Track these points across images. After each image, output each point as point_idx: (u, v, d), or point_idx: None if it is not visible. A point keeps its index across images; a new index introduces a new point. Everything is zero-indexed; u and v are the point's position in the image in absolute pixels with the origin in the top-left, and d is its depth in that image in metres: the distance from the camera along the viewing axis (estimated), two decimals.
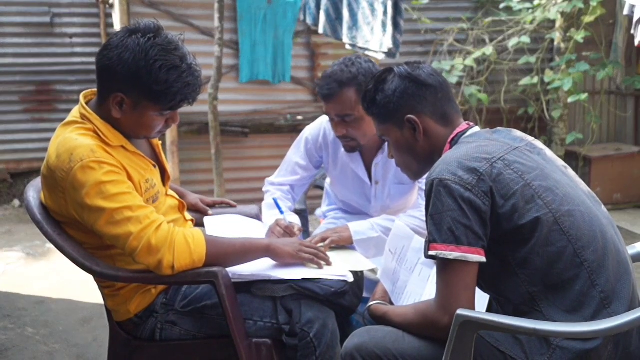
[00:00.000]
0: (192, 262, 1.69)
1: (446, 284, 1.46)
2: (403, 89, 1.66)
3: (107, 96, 1.74)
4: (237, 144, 5.61)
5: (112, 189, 1.65)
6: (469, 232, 1.44)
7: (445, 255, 1.44)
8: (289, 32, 5.46)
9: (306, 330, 1.79)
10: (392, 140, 1.72)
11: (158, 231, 1.66)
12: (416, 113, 1.65)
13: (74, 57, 6.23)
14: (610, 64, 4.91)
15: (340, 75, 2.21)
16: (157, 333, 1.87)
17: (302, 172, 2.52)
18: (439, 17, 5.63)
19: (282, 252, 1.84)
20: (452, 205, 1.45)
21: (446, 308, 1.46)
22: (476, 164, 1.48)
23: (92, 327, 3.28)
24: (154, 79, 1.66)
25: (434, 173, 1.51)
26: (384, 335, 1.59)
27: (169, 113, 1.78)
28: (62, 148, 1.71)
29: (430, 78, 1.67)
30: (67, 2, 6.14)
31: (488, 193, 1.46)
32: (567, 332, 1.37)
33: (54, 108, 6.26)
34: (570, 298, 1.46)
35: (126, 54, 1.66)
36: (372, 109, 1.73)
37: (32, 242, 4.85)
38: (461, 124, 1.69)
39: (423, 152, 1.68)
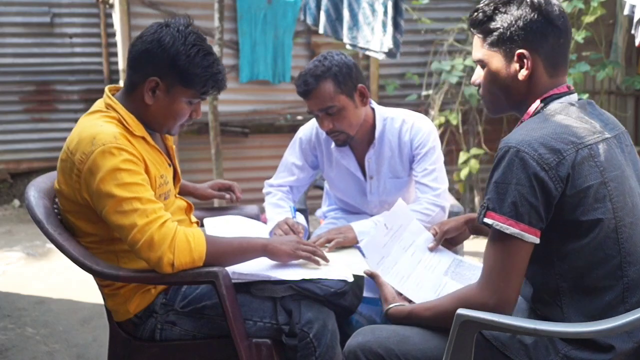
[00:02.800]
0: (192, 260, 1.70)
1: (497, 260, 1.40)
2: (529, 19, 1.48)
3: (140, 82, 1.78)
4: (237, 144, 5.61)
5: (127, 178, 1.67)
6: (533, 211, 1.37)
7: (501, 228, 1.38)
8: (289, 32, 5.46)
9: (306, 331, 1.79)
10: (491, 68, 1.55)
11: (162, 228, 1.67)
12: (531, 50, 1.49)
13: (74, 57, 6.24)
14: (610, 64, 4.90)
15: (314, 70, 2.23)
16: (157, 333, 1.87)
17: (298, 173, 2.54)
18: (438, 17, 5.63)
19: (280, 251, 1.84)
20: (523, 180, 1.37)
21: (494, 289, 1.40)
22: (561, 145, 1.39)
23: (92, 327, 3.28)
24: (191, 62, 1.74)
25: (512, 140, 1.41)
26: (387, 336, 1.58)
27: (195, 104, 1.84)
28: (85, 132, 1.74)
29: (560, 19, 1.50)
30: (67, 2, 6.15)
31: (564, 179, 1.38)
32: (565, 332, 1.35)
33: (54, 108, 6.27)
34: (595, 306, 1.42)
35: (166, 38, 1.75)
36: (483, 26, 1.55)
37: (32, 242, 4.86)
38: (563, 83, 1.54)
39: (517, 94, 1.54)
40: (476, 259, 4.34)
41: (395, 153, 2.41)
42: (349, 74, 2.25)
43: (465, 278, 1.89)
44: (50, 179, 2.00)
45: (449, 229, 2.02)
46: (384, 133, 2.40)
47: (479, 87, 1.62)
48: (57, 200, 1.96)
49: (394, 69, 5.77)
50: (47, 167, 5.92)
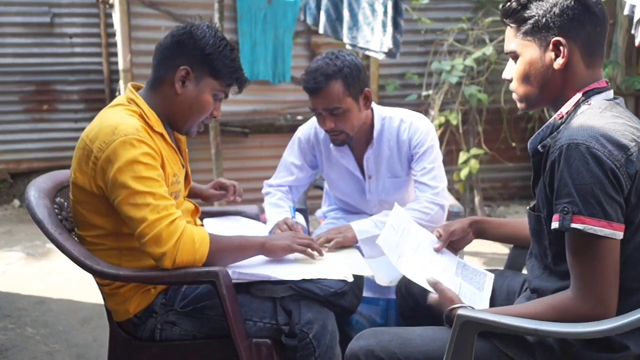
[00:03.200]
0: (193, 260, 1.72)
1: (595, 267, 1.33)
2: (566, 6, 1.44)
3: (169, 74, 1.84)
4: (237, 144, 5.61)
5: (144, 171, 1.70)
6: (618, 207, 1.33)
7: (595, 231, 1.32)
8: (289, 32, 5.46)
9: (305, 331, 1.79)
10: (524, 58, 1.50)
11: (170, 226, 1.69)
12: (567, 38, 1.44)
13: (74, 57, 6.24)
14: (610, 64, 4.90)
15: (326, 69, 2.20)
16: (157, 333, 1.87)
17: (297, 173, 2.54)
18: (439, 17, 5.63)
19: (276, 247, 1.86)
20: (602, 177, 1.31)
21: (598, 298, 1.33)
22: (627, 141, 1.35)
23: (92, 327, 3.28)
24: (220, 53, 1.84)
25: (577, 136, 1.35)
26: (390, 339, 1.56)
27: (217, 101, 1.90)
28: (106, 122, 1.77)
29: (597, 6, 1.46)
30: (67, 2, 6.14)
31: (632, 176, 1.34)
32: (566, 332, 1.35)
33: (54, 108, 6.26)
34: (621, 308, 1.39)
35: (198, 31, 1.85)
36: (517, 15, 1.50)
37: (32, 242, 4.85)
38: (601, 76, 1.50)
39: (553, 85, 1.49)
40: (476, 260, 4.34)
41: (393, 152, 2.41)
42: (358, 76, 2.24)
43: (474, 281, 1.85)
44: (51, 179, 2.00)
45: (455, 231, 1.96)
46: (382, 133, 2.40)
47: (510, 82, 1.57)
48: (57, 200, 1.96)
49: (394, 69, 5.77)
50: (47, 167, 5.91)
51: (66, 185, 2.05)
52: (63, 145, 6.25)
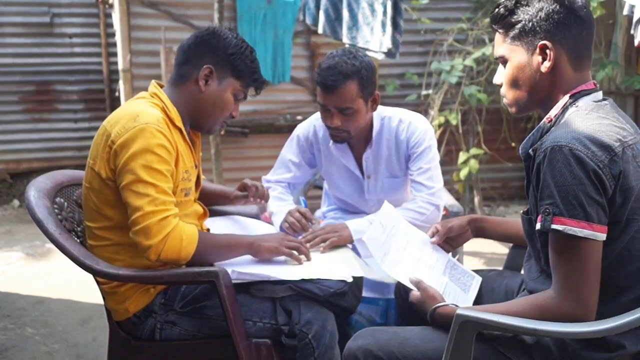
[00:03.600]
0: (178, 257, 1.75)
1: (574, 269, 1.34)
2: (551, 10, 1.46)
3: (193, 72, 1.89)
4: (237, 144, 5.61)
5: (154, 163, 1.73)
6: (600, 208, 1.34)
7: (574, 232, 1.33)
8: (288, 32, 5.46)
9: (305, 331, 1.79)
10: (513, 63, 1.52)
11: (163, 221, 1.71)
12: (553, 42, 1.46)
13: (74, 57, 6.24)
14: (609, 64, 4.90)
15: (345, 68, 2.18)
16: (156, 333, 1.87)
17: (295, 170, 2.54)
18: (438, 17, 5.63)
19: (264, 248, 1.88)
20: (584, 179, 1.32)
21: (579, 299, 1.34)
22: (611, 142, 1.36)
23: (92, 327, 3.28)
24: (242, 54, 1.91)
25: (560, 139, 1.36)
26: (388, 338, 1.57)
27: (237, 102, 1.96)
28: (128, 110, 1.81)
29: (583, 10, 1.47)
30: (66, 2, 6.15)
31: (617, 177, 1.35)
32: (564, 332, 1.35)
33: (53, 108, 6.26)
34: (612, 307, 1.41)
35: (224, 32, 1.92)
36: (504, 21, 1.52)
37: (31, 242, 4.86)
38: (589, 79, 1.51)
39: (542, 89, 1.51)
40: (475, 260, 4.34)
41: (392, 152, 2.41)
42: (372, 79, 2.25)
43: (460, 282, 1.87)
44: (50, 179, 2.00)
45: (452, 227, 1.98)
46: (381, 132, 2.40)
47: (501, 87, 1.59)
48: (57, 200, 1.96)
49: (393, 69, 5.77)
50: (47, 167, 5.91)
51: (66, 185, 2.05)
52: (63, 145, 6.25)
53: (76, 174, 2.12)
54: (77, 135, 6.26)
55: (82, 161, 6.32)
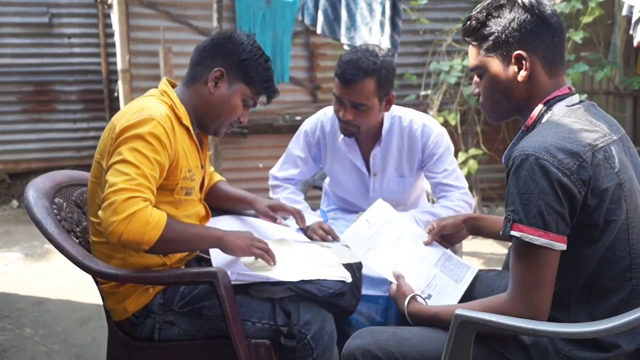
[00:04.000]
0: (140, 241, 1.67)
1: (528, 275, 1.38)
2: (522, 20, 1.48)
3: (204, 73, 1.90)
4: (236, 144, 5.61)
5: (142, 148, 1.72)
6: (560, 219, 1.36)
7: (531, 239, 1.36)
8: (287, 32, 5.46)
9: (303, 332, 1.79)
10: (489, 74, 1.54)
11: (130, 200, 1.65)
12: (528, 51, 1.48)
13: (73, 58, 6.24)
14: (608, 65, 4.91)
15: (365, 64, 2.19)
16: (155, 333, 1.87)
17: (302, 166, 2.55)
18: (437, 18, 5.63)
19: (234, 245, 1.84)
20: (546, 188, 1.35)
21: (528, 303, 1.38)
22: (580, 148, 1.38)
23: (91, 327, 3.28)
24: (256, 62, 1.92)
25: (529, 148, 1.38)
26: (387, 338, 1.57)
27: (245, 108, 1.96)
28: (135, 105, 1.84)
29: (553, 17, 1.50)
30: (65, 2, 6.15)
31: (586, 182, 1.36)
32: (564, 332, 1.36)
33: (52, 108, 6.26)
34: (602, 308, 1.42)
35: (238, 37, 1.94)
36: (477, 34, 1.54)
37: (30, 243, 4.85)
38: (564, 84, 1.54)
39: (519, 97, 1.53)
40: (474, 260, 4.34)
41: (403, 152, 2.43)
42: (390, 79, 2.27)
43: (454, 273, 1.91)
44: (49, 180, 2.00)
45: (446, 225, 2.02)
46: (391, 131, 2.41)
47: (478, 97, 1.62)
48: (56, 201, 1.96)
49: None
50: (45, 168, 5.91)
51: (65, 186, 2.05)
52: (62, 145, 6.25)
53: (75, 174, 2.12)
54: (76, 135, 6.26)
55: (81, 161, 6.33)
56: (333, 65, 5.78)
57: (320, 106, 5.67)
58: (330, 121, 2.47)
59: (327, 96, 5.76)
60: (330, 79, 5.84)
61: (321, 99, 5.78)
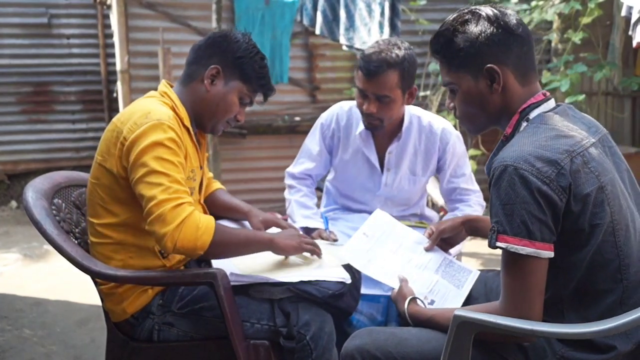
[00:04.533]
0: (194, 247, 1.72)
1: (517, 284, 1.39)
2: (489, 34, 1.48)
3: (201, 72, 1.92)
4: (235, 145, 5.61)
5: (165, 154, 1.74)
6: (544, 226, 1.36)
7: (516, 249, 1.36)
8: (286, 33, 5.46)
9: (303, 333, 1.79)
10: (462, 89, 1.55)
11: (177, 208, 1.70)
12: (498, 63, 1.49)
13: (72, 58, 6.24)
14: (607, 65, 4.91)
15: (388, 56, 2.24)
16: (154, 334, 1.87)
17: (318, 159, 2.57)
18: (436, 18, 5.63)
19: (286, 245, 1.88)
20: (527, 197, 1.35)
21: (519, 312, 1.38)
22: (557, 155, 1.38)
23: (90, 328, 3.28)
24: (251, 59, 1.94)
25: (507, 158, 1.39)
26: (386, 338, 1.57)
27: (242, 107, 1.97)
28: (139, 107, 1.84)
29: (519, 27, 1.50)
30: (64, 3, 6.15)
31: (566, 189, 1.36)
32: (563, 333, 1.36)
33: (51, 109, 6.26)
34: (596, 310, 1.43)
35: (236, 36, 1.95)
36: (445, 52, 1.55)
37: (29, 244, 4.85)
38: (538, 90, 1.54)
39: (494, 108, 1.53)
40: (473, 261, 4.35)
41: (418, 151, 2.47)
42: (412, 72, 2.31)
43: (455, 279, 1.92)
44: (48, 180, 2.00)
45: (445, 229, 2.03)
46: (410, 128, 2.45)
47: (454, 110, 1.62)
48: (55, 201, 1.96)
49: None
50: (44, 168, 5.91)
51: (64, 187, 2.04)
52: (60, 146, 6.25)
53: (74, 175, 2.11)
54: (75, 136, 6.26)
55: (80, 162, 6.33)
56: (332, 66, 5.84)
57: (319, 107, 5.72)
58: (346, 114, 2.51)
59: (326, 97, 5.76)
60: (329, 79, 5.85)
61: (320, 100, 5.78)
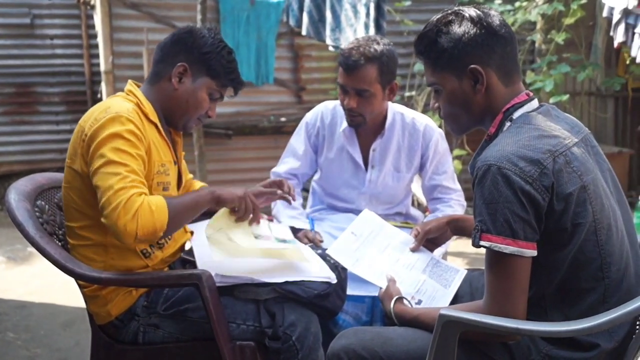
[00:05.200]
0: (154, 229, 1.69)
1: (500, 283, 1.39)
2: (473, 34, 1.49)
3: (168, 70, 1.90)
4: (221, 145, 5.59)
5: (123, 146, 1.72)
6: (527, 225, 1.37)
7: (500, 248, 1.37)
8: (272, 33, 5.45)
9: (288, 333, 1.79)
10: (446, 90, 1.56)
11: (132, 198, 1.66)
12: (481, 64, 1.50)
13: (55, 59, 6.18)
14: (590, 66, 4.96)
15: (367, 50, 2.27)
16: (139, 336, 1.86)
17: (303, 158, 2.58)
18: (421, 19, 5.65)
19: (229, 194, 1.87)
20: (510, 197, 1.36)
21: (503, 311, 1.39)
22: (540, 155, 1.39)
23: (74, 331, 3.26)
24: (218, 54, 1.91)
25: (490, 158, 1.40)
26: (371, 338, 1.57)
27: (212, 102, 1.96)
28: (100, 105, 1.84)
29: (502, 28, 1.51)
30: (47, 3, 6.09)
31: (549, 188, 1.37)
32: (547, 331, 1.37)
33: (34, 110, 6.20)
34: (578, 308, 1.44)
35: (198, 31, 1.93)
36: (429, 52, 1.55)
37: (13, 246, 4.80)
38: (521, 90, 1.55)
39: (478, 108, 1.54)
40: (459, 260, 4.37)
41: (402, 148, 2.48)
42: (391, 67, 2.33)
43: (442, 278, 1.93)
44: (31, 182, 1.98)
45: (431, 229, 2.05)
46: (393, 125, 2.47)
47: (439, 111, 1.63)
48: (37, 203, 1.94)
49: None
50: (27, 170, 5.85)
51: (47, 188, 2.03)
52: (44, 147, 6.20)
53: (57, 177, 2.10)
54: (59, 137, 6.21)
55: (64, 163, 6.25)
56: (318, 67, 5.84)
57: (304, 107, 5.71)
58: (331, 113, 2.53)
59: (311, 97, 5.76)
60: (315, 80, 5.86)
61: (306, 100, 5.78)
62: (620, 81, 5.24)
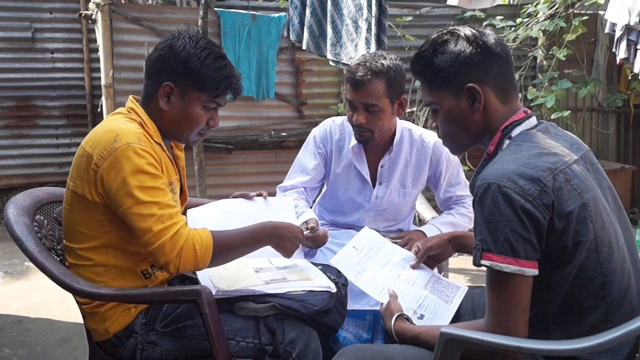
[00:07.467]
0: (195, 267, 1.75)
1: (502, 302, 1.39)
2: (468, 53, 1.50)
3: (155, 90, 1.83)
4: (221, 160, 5.58)
5: (149, 181, 1.71)
6: (528, 244, 1.36)
7: (501, 267, 1.36)
8: (273, 48, 5.46)
9: (289, 350, 1.77)
10: (443, 109, 1.56)
11: (175, 236, 1.70)
12: (478, 83, 1.50)
13: (56, 73, 6.19)
14: (592, 82, 4.96)
15: (374, 65, 2.28)
16: (137, 353, 1.83)
17: (313, 172, 2.56)
18: (422, 34, 5.67)
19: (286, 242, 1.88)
20: (511, 215, 1.35)
21: (504, 330, 1.37)
22: (540, 173, 1.38)
23: (72, 347, 3.22)
24: (202, 64, 1.80)
25: (490, 176, 1.39)
26: (372, 356, 1.55)
27: (211, 111, 1.88)
28: (105, 129, 1.77)
29: (498, 46, 1.52)
30: (48, 17, 6.11)
31: (549, 206, 1.37)
32: (549, 349, 1.35)
33: (34, 124, 6.20)
34: (581, 327, 1.42)
35: (178, 43, 1.81)
36: (426, 72, 1.56)
37: (10, 261, 4.77)
38: (519, 108, 1.55)
39: (476, 127, 1.54)
40: (460, 277, 4.34)
41: (409, 164, 2.48)
42: (400, 81, 2.33)
43: (443, 295, 1.93)
44: (30, 196, 1.97)
45: (432, 246, 2.05)
46: (402, 142, 2.47)
47: (437, 130, 1.63)
48: (36, 218, 1.92)
49: None
50: (27, 184, 5.84)
51: (46, 203, 2.01)
52: (43, 161, 6.18)
53: (56, 191, 2.08)
54: (58, 151, 6.20)
55: (63, 177, 6.26)
56: (319, 81, 5.85)
57: (305, 122, 5.72)
58: (339, 129, 2.53)
59: (312, 112, 5.76)
60: (316, 94, 5.86)
61: (307, 115, 5.78)
62: (622, 97, 5.24)
